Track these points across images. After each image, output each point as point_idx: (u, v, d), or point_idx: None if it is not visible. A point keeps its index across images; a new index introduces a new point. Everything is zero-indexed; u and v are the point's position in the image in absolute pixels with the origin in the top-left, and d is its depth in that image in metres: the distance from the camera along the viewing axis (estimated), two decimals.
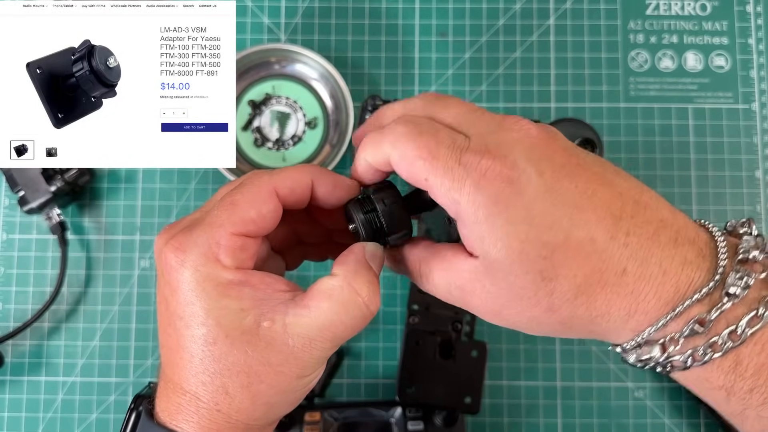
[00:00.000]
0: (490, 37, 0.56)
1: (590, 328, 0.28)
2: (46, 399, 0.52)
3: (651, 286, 0.26)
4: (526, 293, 0.27)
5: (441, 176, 0.27)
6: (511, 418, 0.52)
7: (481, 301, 0.28)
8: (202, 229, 0.28)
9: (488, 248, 0.26)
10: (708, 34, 0.56)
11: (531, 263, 0.26)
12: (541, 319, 0.28)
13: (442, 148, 0.27)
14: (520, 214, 0.26)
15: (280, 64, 0.54)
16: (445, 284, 0.29)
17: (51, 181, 0.49)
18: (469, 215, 0.26)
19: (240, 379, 0.28)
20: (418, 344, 0.47)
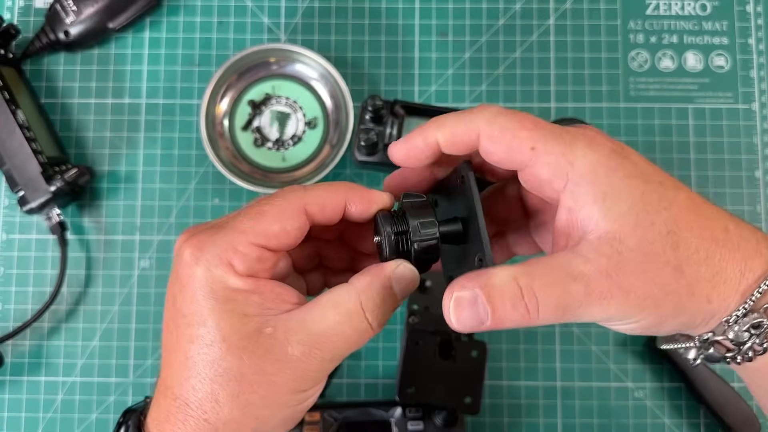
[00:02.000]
0: (490, 37, 0.56)
1: (710, 295, 0.26)
2: (45, 399, 0.52)
3: (752, 245, 0.27)
4: (655, 249, 0.25)
5: (552, 140, 0.26)
6: (511, 418, 0.52)
7: (609, 278, 0.25)
8: (224, 233, 0.28)
9: (611, 203, 0.26)
10: (708, 34, 0.56)
11: (655, 214, 0.26)
12: (670, 286, 0.26)
13: (544, 122, 0.27)
14: (634, 171, 0.26)
15: (280, 64, 0.54)
16: (562, 285, 0.26)
17: (51, 181, 0.49)
18: (585, 175, 0.26)
19: (231, 386, 0.27)
20: (418, 344, 0.47)
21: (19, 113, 0.51)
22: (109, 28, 0.54)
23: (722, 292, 0.26)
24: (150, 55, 0.55)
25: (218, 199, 0.54)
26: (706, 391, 0.50)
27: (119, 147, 0.55)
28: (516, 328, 0.26)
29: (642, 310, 0.26)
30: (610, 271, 0.25)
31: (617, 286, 0.25)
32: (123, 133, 0.55)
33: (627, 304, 0.26)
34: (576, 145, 0.26)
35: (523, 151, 0.27)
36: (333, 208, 0.29)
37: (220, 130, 0.54)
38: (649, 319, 0.27)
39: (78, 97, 0.55)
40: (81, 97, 0.55)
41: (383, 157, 0.46)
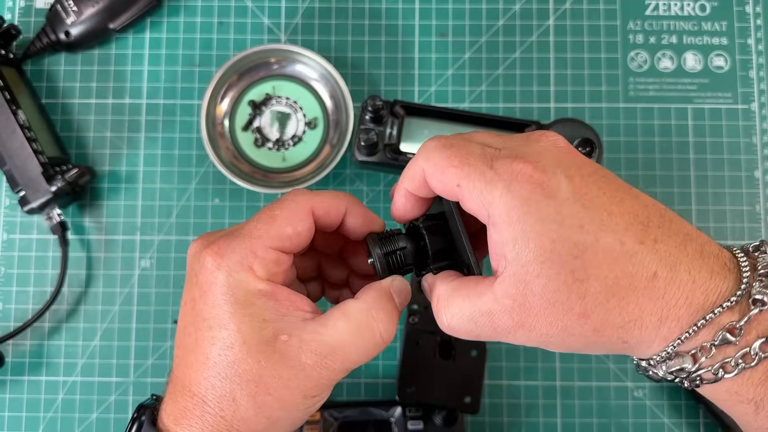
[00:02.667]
0: (489, 38, 0.56)
1: (622, 337, 0.27)
2: (46, 399, 0.52)
3: (682, 292, 0.26)
4: (559, 297, 0.26)
5: (474, 180, 0.27)
6: (510, 417, 0.52)
7: (511, 318, 0.27)
8: (242, 239, 0.30)
9: (520, 248, 0.26)
10: (707, 35, 0.57)
11: (563, 263, 0.26)
12: (574, 329, 0.27)
13: (473, 156, 0.28)
14: (551, 214, 0.26)
15: (280, 65, 0.54)
16: (471, 316, 0.28)
17: (52, 181, 0.49)
18: (501, 216, 0.27)
19: (249, 387, 0.29)
20: (418, 344, 0.48)
21: (19, 113, 0.51)
22: (110, 29, 0.54)
23: (638, 336, 0.27)
24: (150, 56, 0.56)
25: (218, 199, 0.54)
26: None
27: (120, 147, 0.55)
28: None
29: (548, 344, 0.28)
30: (512, 311, 0.27)
31: (520, 324, 0.27)
32: (123, 134, 0.55)
33: (532, 339, 0.28)
34: (496, 184, 0.27)
35: (452, 186, 0.28)
36: (336, 214, 0.32)
37: (220, 130, 0.54)
38: (562, 349, 0.28)
39: (79, 98, 0.55)
40: (82, 97, 0.55)
41: (383, 157, 0.46)
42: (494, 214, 0.27)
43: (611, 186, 0.27)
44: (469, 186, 0.27)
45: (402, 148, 0.46)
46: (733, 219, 0.54)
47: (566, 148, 0.28)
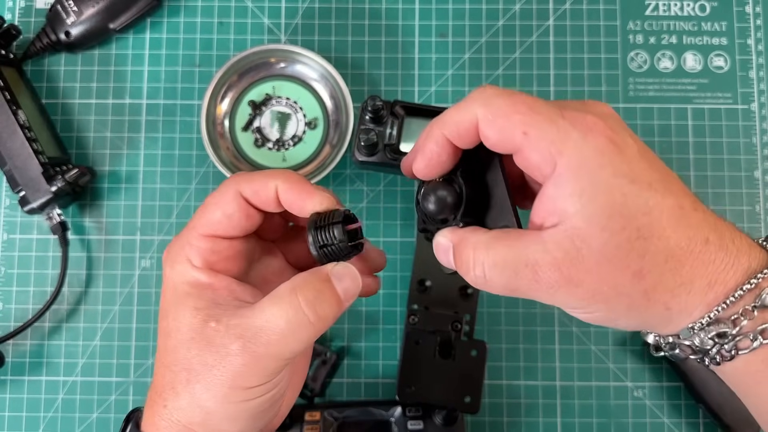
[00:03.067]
0: (489, 38, 0.56)
1: (668, 303, 0.26)
2: (46, 398, 0.52)
3: (729, 257, 0.26)
4: (618, 252, 0.25)
5: (546, 127, 0.26)
6: (510, 417, 0.52)
7: (559, 271, 0.26)
8: (182, 233, 0.31)
9: (586, 201, 0.25)
10: (707, 35, 0.57)
11: (631, 219, 0.25)
12: (625, 287, 0.26)
13: (541, 105, 0.27)
14: (624, 169, 0.26)
15: (281, 65, 0.54)
16: (512, 266, 0.27)
17: (52, 181, 0.49)
18: (570, 167, 0.25)
19: (182, 375, 0.29)
20: (418, 344, 0.48)
21: (20, 113, 0.51)
22: (110, 29, 0.54)
23: (684, 301, 0.26)
24: (151, 56, 0.56)
25: None
26: (705, 390, 0.50)
27: (120, 147, 0.55)
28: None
29: (590, 304, 0.27)
30: (561, 264, 0.26)
31: (566, 278, 0.26)
32: (124, 134, 0.55)
33: (574, 296, 0.26)
34: (569, 134, 0.26)
35: (516, 135, 0.26)
36: (265, 193, 0.30)
37: (220, 130, 0.54)
38: (600, 314, 0.27)
39: (79, 98, 0.55)
40: (82, 97, 0.55)
41: (383, 158, 0.46)
42: (563, 165, 0.25)
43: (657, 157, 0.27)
44: (538, 134, 0.26)
45: (402, 149, 0.46)
46: (733, 219, 0.54)
47: (618, 117, 0.28)
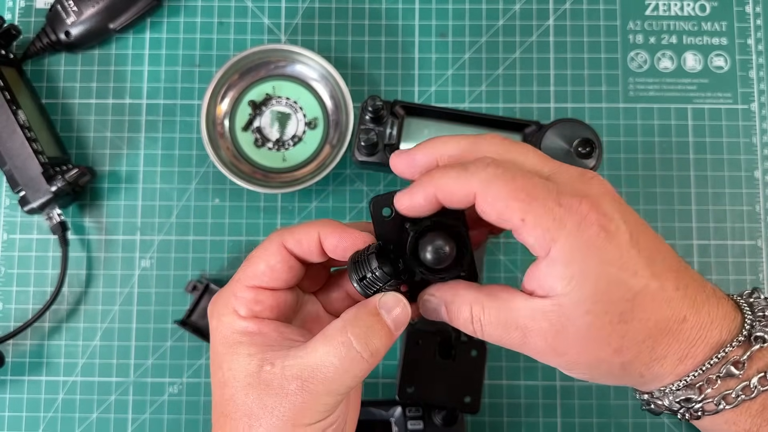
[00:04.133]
0: (489, 38, 0.56)
1: (643, 372, 0.29)
2: (46, 398, 0.52)
3: (702, 333, 0.29)
4: (600, 333, 0.28)
5: (541, 215, 0.27)
6: (510, 417, 0.52)
7: (545, 341, 0.28)
8: (227, 285, 0.32)
9: (574, 286, 0.27)
10: (707, 35, 0.57)
11: (614, 304, 0.27)
12: (604, 361, 0.29)
13: (539, 190, 0.28)
14: (612, 258, 0.27)
15: (281, 65, 0.54)
16: (503, 325, 0.29)
17: (52, 181, 0.49)
18: (563, 254, 0.27)
19: (243, 421, 0.30)
20: (418, 344, 0.48)
21: (20, 113, 0.51)
22: (110, 29, 0.54)
23: (656, 371, 0.29)
24: (151, 56, 0.56)
25: (219, 199, 0.54)
26: None
27: (120, 147, 0.55)
28: None
29: (572, 369, 0.30)
30: (547, 335, 0.28)
31: (551, 347, 0.29)
32: (124, 134, 0.55)
33: (559, 362, 0.29)
34: (564, 223, 0.27)
35: (514, 220, 0.28)
36: (308, 242, 0.31)
37: (220, 130, 0.54)
38: (583, 376, 0.30)
39: (79, 98, 0.55)
40: (82, 97, 0.55)
41: (383, 158, 0.46)
42: (556, 251, 0.27)
43: (650, 233, 0.29)
44: (534, 221, 0.27)
45: (402, 148, 0.46)
46: (733, 219, 0.54)
47: (615, 194, 0.29)
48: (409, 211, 0.31)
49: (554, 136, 0.42)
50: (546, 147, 0.42)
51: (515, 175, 0.28)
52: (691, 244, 0.54)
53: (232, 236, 0.54)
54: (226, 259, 0.54)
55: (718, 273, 0.54)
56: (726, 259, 0.54)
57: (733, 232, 0.54)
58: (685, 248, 0.54)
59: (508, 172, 0.28)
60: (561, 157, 0.42)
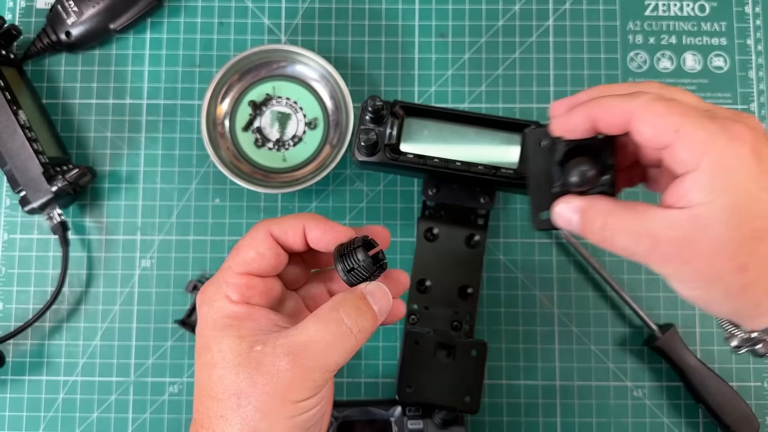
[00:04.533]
0: (489, 38, 0.56)
1: (760, 301, 0.30)
2: (47, 398, 0.52)
3: None
4: (731, 246, 0.29)
5: (697, 127, 0.29)
6: (510, 417, 0.52)
7: (673, 247, 0.30)
8: (217, 274, 0.34)
9: (716, 196, 0.29)
10: (707, 35, 0.57)
11: (749, 220, 0.29)
12: (727, 276, 0.30)
13: (692, 110, 0.30)
14: (756, 176, 0.29)
15: (281, 65, 0.54)
16: (635, 234, 0.31)
17: (52, 181, 0.50)
18: (711, 165, 0.29)
19: (232, 401, 0.31)
20: (418, 344, 0.48)
21: (20, 114, 0.51)
22: (111, 29, 0.54)
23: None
24: (151, 56, 0.56)
25: (219, 199, 0.54)
26: (705, 390, 0.50)
27: (120, 147, 0.55)
28: None
29: (692, 281, 0.31)
30: (679, 242, 0.30)
31: (678, 254, 0.30)
32: (124, 134, 0.55)
33: (681, 272, 0.31)
34: (718, 137, 0.29)
35: (668, 133, 0.30)
36: (294, 232, 0.33)
37: (221, 130, 0.54)
38: (698, 292, 0.31)
39: (79, 98, 0.55)
40: (82, 97, 0.55)
41: (383, 158, 0.46)
42: (705, 163, 0.29)
43: None
44: (689, 133, 0.29)
45: (402, 148, 0.46)
46: None
47: (765, 133, 0.31)
48: (565, 128, 0.33)
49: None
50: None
51: (671, 99, 0.31)
52: None
53: (232, 236, 0.54)
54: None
55: None
56: None
57: None
58: None
59: (665, 98, 0.31)
60: None
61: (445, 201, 0.50)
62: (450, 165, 0.45)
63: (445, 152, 0.46)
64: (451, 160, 0.45)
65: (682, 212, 0.30)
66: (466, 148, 0.46)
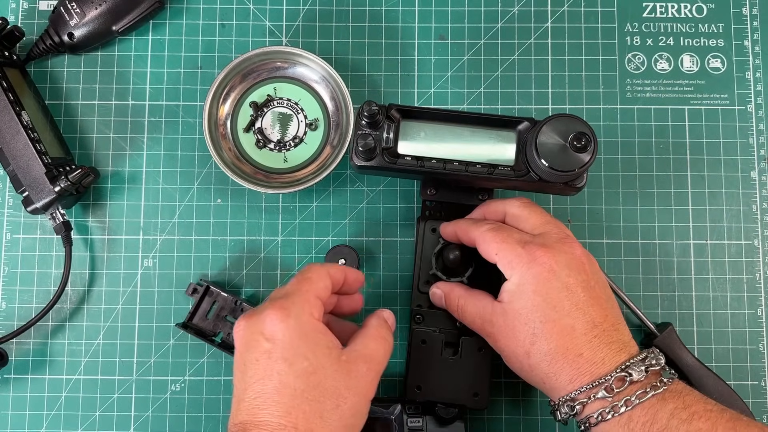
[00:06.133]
0: (488, 40, 0.57)
1: (542, 378, 0.42)
2: (49, 397, 0.52)
3: (591, 368, 0.40)
4: (519, 336, 0.42)
5: (508, 251, 0.42)
6: (509, 415, 0.53)
7: (492, 329, 0.44)
8: (296, 295, 0.40)
9: (515, 300, 0.42)
10: (704, 37, 0.57)
11: (533, 322, 0.41)
12: (518, 357, 0.42)
13: (511, 240, 0.43)
14: (544, 291, 0.41)
15: (282, 67, 0.55)
16: (474, 313, 0.45)
17: (55, 182, 0.50)
18: (516, 279, 0.42)
19: (331, 401, 0.37)
20: (424, 343, 0.48)
21: (23, 115, 0.51)
22: (113, 31, 0.54)
23: (553, 384, 0.41)
24: (153, 57, 0.56)
25: (221, 199, 0.55)
26: (703, 389, 0.50)
27: (123, 148, 0.55)
28: None
29: (503, 357, 0.44)
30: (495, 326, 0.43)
31: (493, 335, 0.44)
32: (126, 134, 0.55)
33: (495, 348, 0.44)
34: (521, 260, 0.42)
35: (492, 254, 0.43)
36: (339, 277, 0.43)
37: (222, 131, 0.54)
38: (509, 365, 0.44)
39: (81, 99, 0.56)
40: (84, 98, 0.56)
41: (381, 161, 0.46)
42: (513, 276, 0.42)
43: (592, 293, 0.41)
44: (503, 256, 0.43)
45: (399, 151, 0.47)
46: (730, 219, 0.55)
47: (580, 257, 0.42)
48: (444, 234, 0.49)
49: (550, 132, 0.43)
50: (542, 143, 0.43)
51: (499, 229, 0.44)
52: (688, 243, 0.55)
53: (233, 236, 0.54)
54: (228, 259, 0.54)
55: (715, 272, 0.54)
56: (723, 259, 0.54)
57: (729, 232, 0.55)
58: (682, 247, 0.54)
59: (496, 229, 0.44)
60: (557, 152, 0.43)
61: (444, 200, 0.50)
62: (448, 166, 0.46)
63: (442, 152, 0.46)
64: (449, 160, 0.46)
65: (500, 305, 0.43)
66: (463, 148, 0.47)
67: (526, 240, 0.42)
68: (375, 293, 0.54)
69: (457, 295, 0.46)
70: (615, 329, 0.41)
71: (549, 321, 0.40)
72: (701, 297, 0.54)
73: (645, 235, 0.55)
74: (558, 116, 0.43)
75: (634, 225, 0.55)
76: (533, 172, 0.45)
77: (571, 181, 0.45)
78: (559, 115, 0.43)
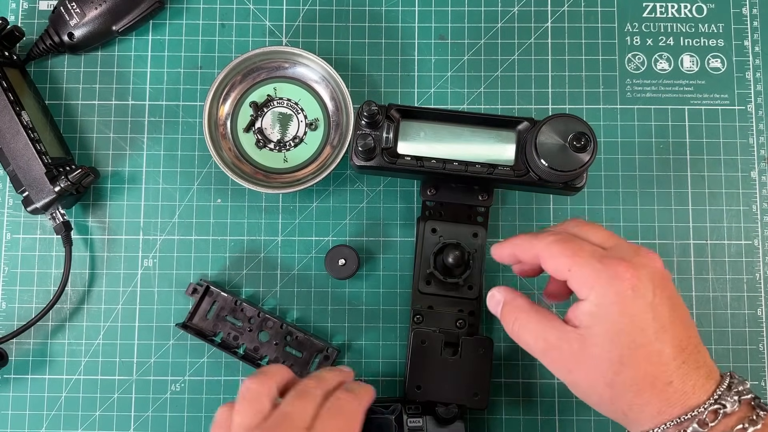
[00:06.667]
0: (488, 40, 0.57)
1: (625, 411, 0.36)
2: (49, 397, 0.52)
3: (682, 398, 0.35)
4: (602, 365, 0.36)
5: (584, 266, 0.37)
6: (509, 415, 0.53)
7: (560, 356, 0.37)
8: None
9: (597, 323, 0.36)
10: (704, 37, 0.57)
11: (619, 348, 0.35)
12: (597, 388, 0.37)
13: (585, 252, 0.37)
14: (630, 311, 0.35)
15: (282, 67, 0.55)
16: (536, 335, 0.39)
17: (55, 182, 0.50)
18: (596, 299, 0.36)
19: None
20: (424, 343, 0.48)
21: (23, 115, 0.51)
22: (113, 31, 0.54)
23: (637, 416, 0.36)
24: (153, 57, 0.56)
25: (221, 199, 0.55)
26: None
27: (123, 148, 0.55)
28: None
29: (574, 388, 0.38)
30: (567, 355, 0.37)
31: (563, 364, 0.38)
32: (126, 134, 0.55)
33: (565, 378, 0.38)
34: (602, 275, 0.36)
35: (563, 271, 0.37)
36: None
37: (222, 131, 0.54)
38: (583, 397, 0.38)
39: (81, 99, 0.56)
40: (84, 98, 0.56)
41: (381, 161, 0.46)
42: (592, 296, 0.36)
43: (677, 312, 0.36)
44: (577, 272, 0.37)
45: (399, 150, 0.47)
46: (730, 219, 0.55)
47: (662, 271, 0.37)
48: (498, 256, 0.43)
49: (549, 131, 0.43)
50: (541, 143, 0.43)
51: (567, 241, 0.38)
52: (688, 243, 0.55)
53: (234, 236, 0.54)
54: (228, 259, 0.54)
55: (715, 272, 0.54)
56: (723, 259, 0.54)
57: (729, 232, 0.55)
58: (682, 247, 0.54)
59: (563, 240, 0.38)
60: (557, 152, 0.42)
61: (444, 200, 0.51)
62: (447, 166, 0.46)
63: (442, 152, 0.46)
64: (449, 160, 0.46)
65: (573, 330, 0.37)
66: (463, 148, 0.47)
67: (602, 254, 0.37)
68: (375, 293, 0.54)
69: (518, 307, 0.40)
70: (698, 351, 0.37)
71: (638, 346, 0.35)
72: (701, 297, 0.54)
73: (645, 235, 0.55)
74: (557, 116, 0.43)
75: (634, 225, 0.55)
76: (533, 172, 0.45)
77: (571, 181, 0.45)
78: (558, 115, 0.43)
